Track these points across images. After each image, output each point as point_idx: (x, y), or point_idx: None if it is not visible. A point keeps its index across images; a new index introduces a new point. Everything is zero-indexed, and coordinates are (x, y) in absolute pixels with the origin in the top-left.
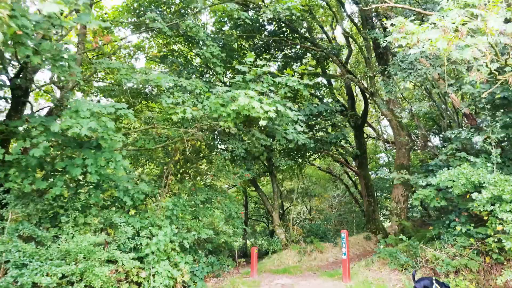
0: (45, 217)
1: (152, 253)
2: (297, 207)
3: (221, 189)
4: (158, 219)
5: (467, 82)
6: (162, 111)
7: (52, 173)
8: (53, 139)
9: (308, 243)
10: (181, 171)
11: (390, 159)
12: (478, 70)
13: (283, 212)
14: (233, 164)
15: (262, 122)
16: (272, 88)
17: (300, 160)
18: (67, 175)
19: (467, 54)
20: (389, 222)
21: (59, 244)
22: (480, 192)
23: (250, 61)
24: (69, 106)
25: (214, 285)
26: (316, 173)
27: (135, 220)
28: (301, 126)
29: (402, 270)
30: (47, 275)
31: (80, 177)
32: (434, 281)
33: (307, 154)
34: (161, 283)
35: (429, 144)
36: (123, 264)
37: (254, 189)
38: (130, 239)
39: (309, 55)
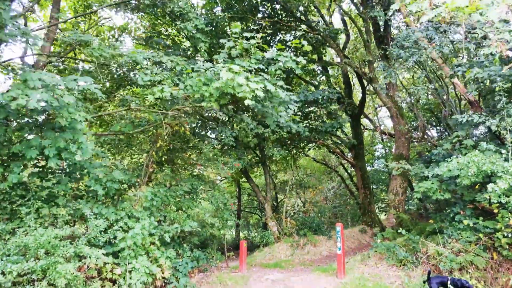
0: (3, 207)
1: (128, 247)
2: (291, 199)
3: (209, 180)
4: (135, 211)
5: (485, 54)
6: (140, 92)
7: (10, 159)
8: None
9: (301, 236)
10: (163, 159)
11: (387, 150)
12: (501, 39)
13: (277, 204)
14: (222, 153)
15: (248, 102)
16: (261, 66)
17: (294, 151)
18: (25, 160)
19: (493, 14)
20: (385, 214)
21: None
22: (495, 182)
23: (236, 32)
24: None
25: (200, 280)
26: (311, 164)
27: (110, 212)
28: (294, 110)
29: (400, 266)
30: (2, 273)
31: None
32: (449, 280)
33: (302, 144)
34: (138, 280)
35: (428, 135)
36: (95, 260)
37: (247, 180)
38: (102, 233)
39: (305, 42)
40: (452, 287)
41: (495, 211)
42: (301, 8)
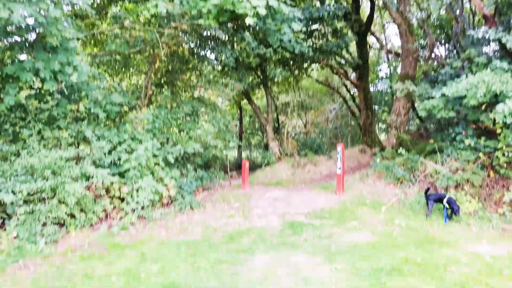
0: (4, 129)
1: (134, 168)
2: (293, 120)
3: (210, 102)
4: (138, 133)
5: None
6: (132, 8)
7: (4, 80)
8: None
9: (302, 156)
10: (162, 81)
11: (392, 71)
12: None
13: (278, 125)
14: (223, 75)
15: (249, 20)
16: None
17: (296, 72)
18: (21, 83)
19: None
20: (385, 135)
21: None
22: (503, 102)
23: None
24: None
25: (204, 198)
26: (313, 86)
27: (112, 134)
28: (299, 25)
29: (397, 184)
30: (13, 192)
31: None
32: (446, 197)
33: (304, 65)
34: (145, 197)
35: (435, 53)
36: (101, 180)
37: (248, 102)
38: (107, 154)
39: None
40: (447, 204)
41: (499, 131)
42: None
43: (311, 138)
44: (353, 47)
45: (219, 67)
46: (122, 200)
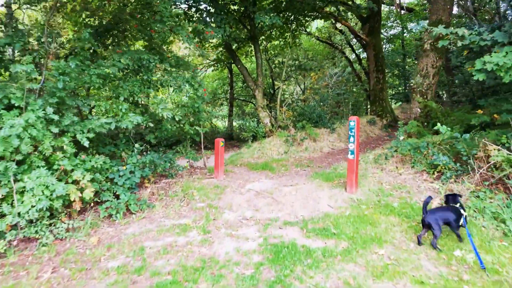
0: None
1: (5, 156)
2: (290, 86)
3: (170, 54)
4: (14, 96)
5: None
6: None
7: None
8: None
9: (298, 129)
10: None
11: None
12: None
13: (273, 92)
14: (190, 17)
15: None
16: None
17: (293, 25)
18: None
19: None
20: (395, 103)
21: None
22: None
23: None
24: None
25: (157, 192)
26: (313, 47)
27: None
28: None
29: (433, 175)
30: None
31: None
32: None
33: (303, 15)
34: (33, 206)
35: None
36: None
37: (233, 61)
38: None
39: None
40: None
41: None
42: None
43: (309, 106)
44: None
45: (185, 7)
46: None
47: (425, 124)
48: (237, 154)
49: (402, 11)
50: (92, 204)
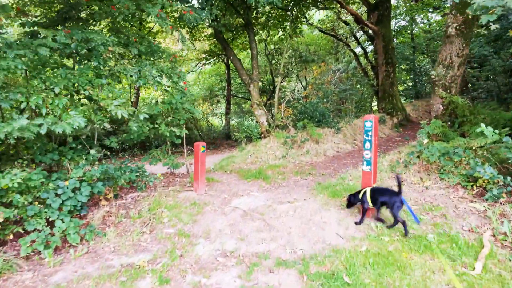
0: None
1: None
2: (291, 83)
3: (135, 31)
4: None
5: None
6: None
7: None
8: None
9: (299, 129)
10: None
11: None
12: None
13: (273, 89)
14: None
15: None
16: None
17: (294, 11)
18: None
19: None
20: (404, 100)
21: None
22: None
23: None
24: None
25: (115, 213)
26: (315, 41)
27: None
28: None
29: (472, 189)
30: None
31: None
32: None
33: (304, 5)
34: None
35: None
36: None
37: (224, 51)
38: None
39: None
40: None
41: None
42: None
43: (311, 103)
44: None
45: None
46: None
47: (449, 123)
48: (228, 158)
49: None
50: (11, 237)
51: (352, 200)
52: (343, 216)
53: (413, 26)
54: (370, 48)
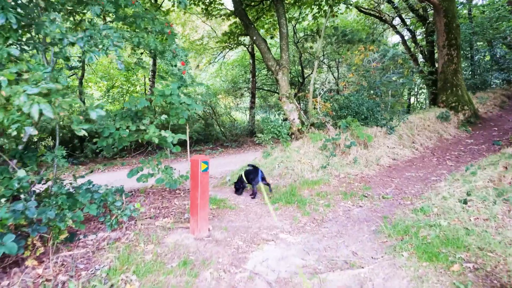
0: None
1: None
2: (321, 74)
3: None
4: None
5: None
6: None
7: None
8: None
9: (340, 128)
10: None
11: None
12: None
13: (303, 81)
14: None
15: None
16: None
17: None
18: None
19: None
20: (473, 92)
21: None
22: None
23: None
24: None
25: (47, 282)
26: (350, 25)
27: None
28: None
29: None
30: None
31: None
32: None
33: None
34: None
35: None
36: None
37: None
38: None
39: None
40: None
41: None
42: None
43: (355, 95)
44: None
45: None
46: None
47: None
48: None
49: None
50: None
51: None
52: None
53: (471, 1)
54: (419, 32)
